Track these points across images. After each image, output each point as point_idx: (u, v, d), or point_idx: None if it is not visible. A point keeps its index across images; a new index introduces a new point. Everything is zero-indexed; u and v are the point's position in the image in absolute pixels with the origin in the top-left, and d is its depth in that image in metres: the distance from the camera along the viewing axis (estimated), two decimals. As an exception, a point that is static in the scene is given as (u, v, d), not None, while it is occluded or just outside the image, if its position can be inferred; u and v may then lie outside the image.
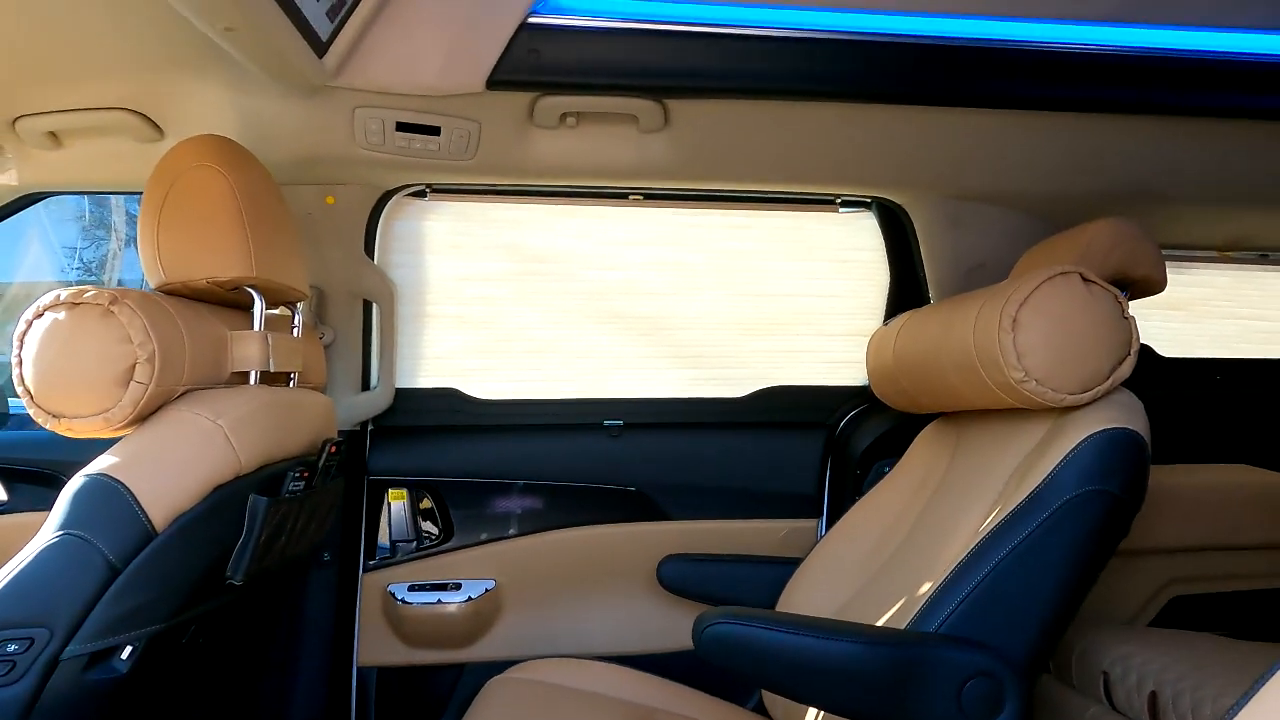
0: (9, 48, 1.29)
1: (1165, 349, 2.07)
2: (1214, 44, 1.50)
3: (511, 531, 1.85)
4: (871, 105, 1.51)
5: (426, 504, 1.86)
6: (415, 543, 1.85)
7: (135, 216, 1.30)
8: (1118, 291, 1.22)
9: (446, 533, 1.85)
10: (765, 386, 1.96)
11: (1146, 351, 2.05)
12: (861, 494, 1.79)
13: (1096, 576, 1.16)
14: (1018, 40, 1.44)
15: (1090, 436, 1.15)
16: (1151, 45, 1.48)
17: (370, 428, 1.84)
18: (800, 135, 1.59)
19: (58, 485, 1.15)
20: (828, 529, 1.76)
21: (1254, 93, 1.50)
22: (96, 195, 4.88)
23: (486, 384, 1.90)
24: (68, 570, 1.01)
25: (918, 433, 1.67)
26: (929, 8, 1.41)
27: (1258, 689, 0.50)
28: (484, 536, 1.85)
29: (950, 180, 1.72)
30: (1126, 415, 1.18)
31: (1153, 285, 1.47)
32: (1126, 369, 1.21)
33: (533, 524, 1.86)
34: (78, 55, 1.33)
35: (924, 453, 1.61)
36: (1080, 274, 1.20)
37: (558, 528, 1.86)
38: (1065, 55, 1.45)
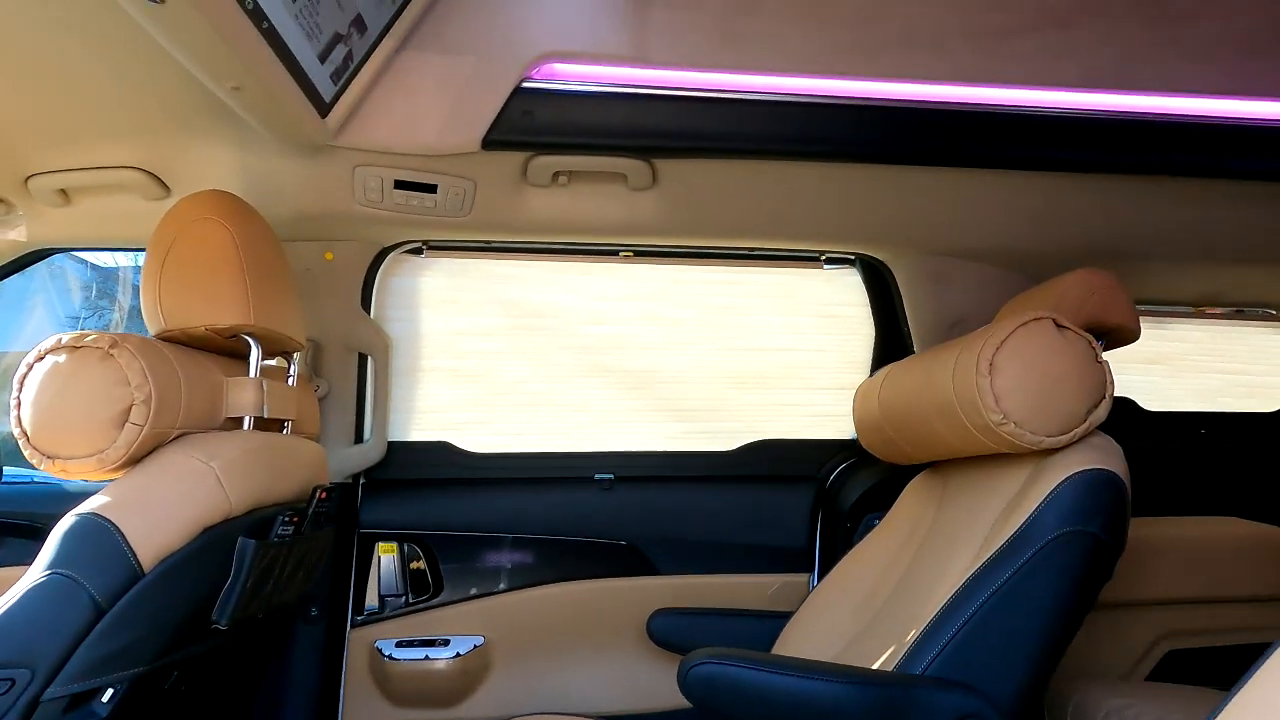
0: (24, 109, 1.36)
1: (1149, 403, 2.10)
2: (1178, 107, 1.57)
3: (501, 586, 1.84)
4: (853, 165, 1.58)
5: (418, 564, 1.85)
6: (404, 597, 1.84)
7: (139, 287, 1.34)
8: (1090, 337, 1.25)
9: (436, 587, 1.84)
10: (754, 440, 1.98)
11: (1129, 405, 2.08)
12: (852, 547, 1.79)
13: (1081, 619, 1.16)
14: (993, 103, 1.52)
15: (1069, 478, 1.17)
16: (1120, 109, 1.56)
17: (362, 481, 1.85)
18: (785, 194, 1.65)
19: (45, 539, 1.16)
20: (819, 584, 1.75)
21: (1218, 154, 1.57)
22: (101, 267, 4.97)
23: (479, 437, 1.92)
24: (53, 609, 1.01)
25: (906, 485, 1.69)
26: (908, 76, 1.49)
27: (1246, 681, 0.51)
28: (473, 591, 1.84)
29: (931, 237, 1.78)
30: (1104, 457, 1.20)
31: (1127, 334, 1.51)
32: (1102, 412, 1.24)
33: (523, 579, 1.85)
34: (90, 116, 1.40)
35: (912, 503, 1.62)
36: (1053, 319, 1.24)
37: (548, 582, 1.85)
38: (1039, 118, 1.52)
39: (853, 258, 1.95)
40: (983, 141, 1.53)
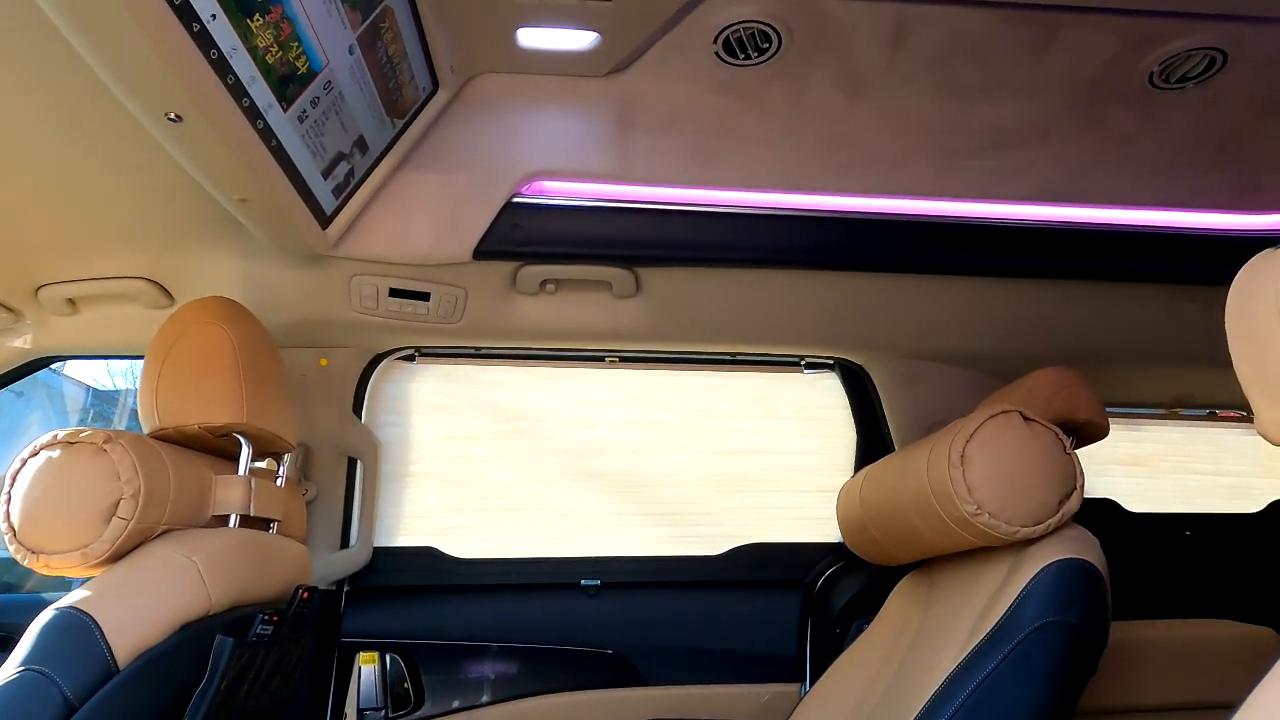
0: (41, 221, 1.44)
1: (1132, 504, 2.12)
2: (1125, 218, 1.68)
3: (485, 699, 1.79)
4: (826, 272, 1.66)
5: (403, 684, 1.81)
6: (384, 711, 1.78)
7: (135, 411, 1.40)
8: (1056, 429, 1.30)
9: (417, 700, 1.79)
10: (741, 544, 1.98)
11: (1112, 506, 2.10)
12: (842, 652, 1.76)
13: (1068, 716, 1.14)
14: (953, 215, 1.62)
15: (1045, 568, 1.18)
16: (1071, 220, 1.66)
17: (346, 588, 1.83)
18: (763, 300, 1.73)
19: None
20: (809, 693, 1.71)
21: (1167, 261, 1.67)
22: (99, 389, 5.02)
23: (465, 542, 1.92)
24: (23, 707, 1.00)
25: (893, 587, 1.68)
26: (873, 191, 1.59)
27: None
28: (456, 704, 1.79)
29: (905, 341, 1.85)
30: (1080, 547, 1.22)
31: (1096, 429, 1.55)
32: (1074, 503, 1.26)
33: (507, 690, 1.80)
34: (101, 227, 1.48)
35: (899, 606, 1.61)
36: (1019, 413, 1.29)
37: (533, 694, 1.80)
38: (996, 229, 1.62)
39: (831, 362, 2.02)
40: (946, 250, 1.62)
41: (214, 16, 0.94)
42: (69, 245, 1.52)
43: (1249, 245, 1.63)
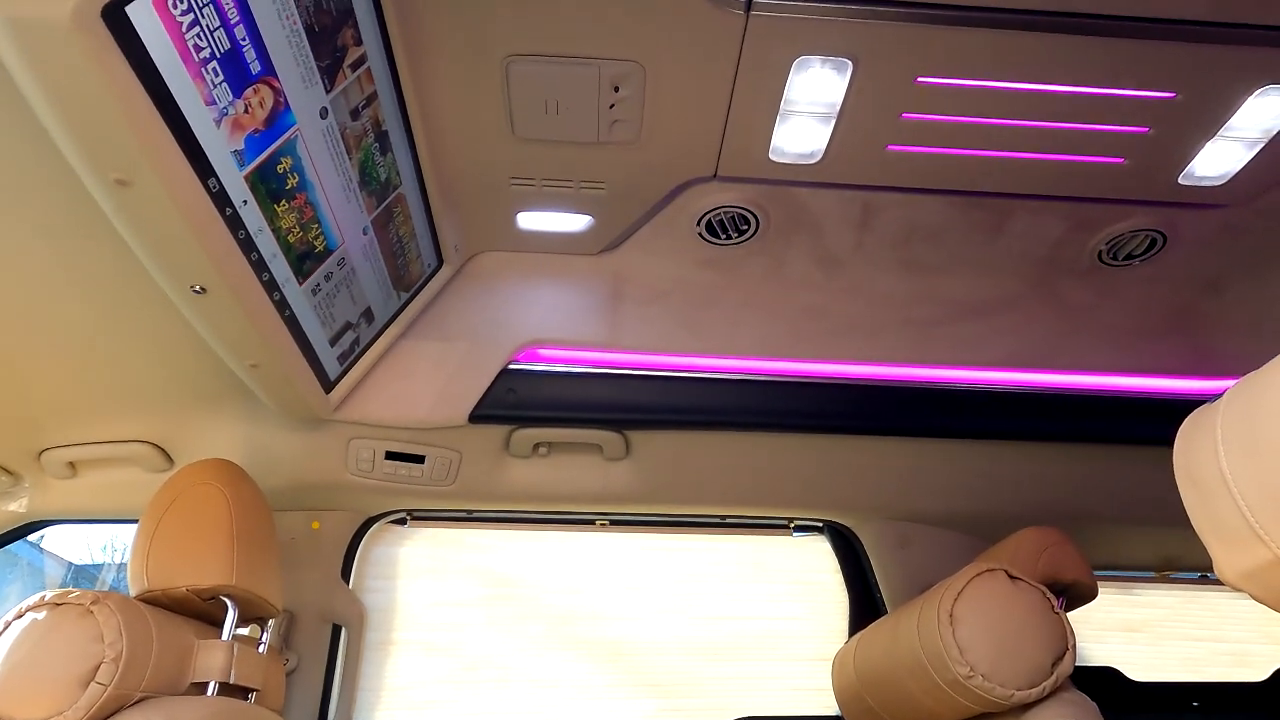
0: (50, 385, 1.49)
1: (1135, 673, 2.06)
2: (1093, 384, 1.76)
3: None
4: (813, 436, 1.72)
5: None
6: None
7: (114, 588, 1.40)
8: (1043, 589, 1.30)
9: None
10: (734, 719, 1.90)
11: (1115, 675, 2.04)
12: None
13: None
14: (929, 381, 1.70)
15: (1044, 734, 1.16)
16: (1042, 385, 1.74)
17: (319, 771, 1.74)
18: (750, 463, 1.77)
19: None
20: None
21: (1144, 424, 1.73)
22: (79, 565, 4.92)
23: (449, 718, 1.83)
24: None
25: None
26: (851, 358, 1.68)
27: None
28: None
29: (892, 503, 1.88)
30: (1079, 712, 1.20)
31: (1085, 590, 1.54)
32: (1068, 665, 1.25)
33: None
34: (110, 392, 1.53)
35: (903, 783, 1.54)
36: (1005, 570, 1.30)
37: None
38: (969, 393, 1.70)
39: (820, 524, 2.03)
40: (925, 414, 1.69)
41: (245, 202, 1.05)
42: (77, 409, 1.57)
43: (1210, 408, 1.70)
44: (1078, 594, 1.56)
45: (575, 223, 1.52)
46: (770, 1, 1.08)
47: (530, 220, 1.52)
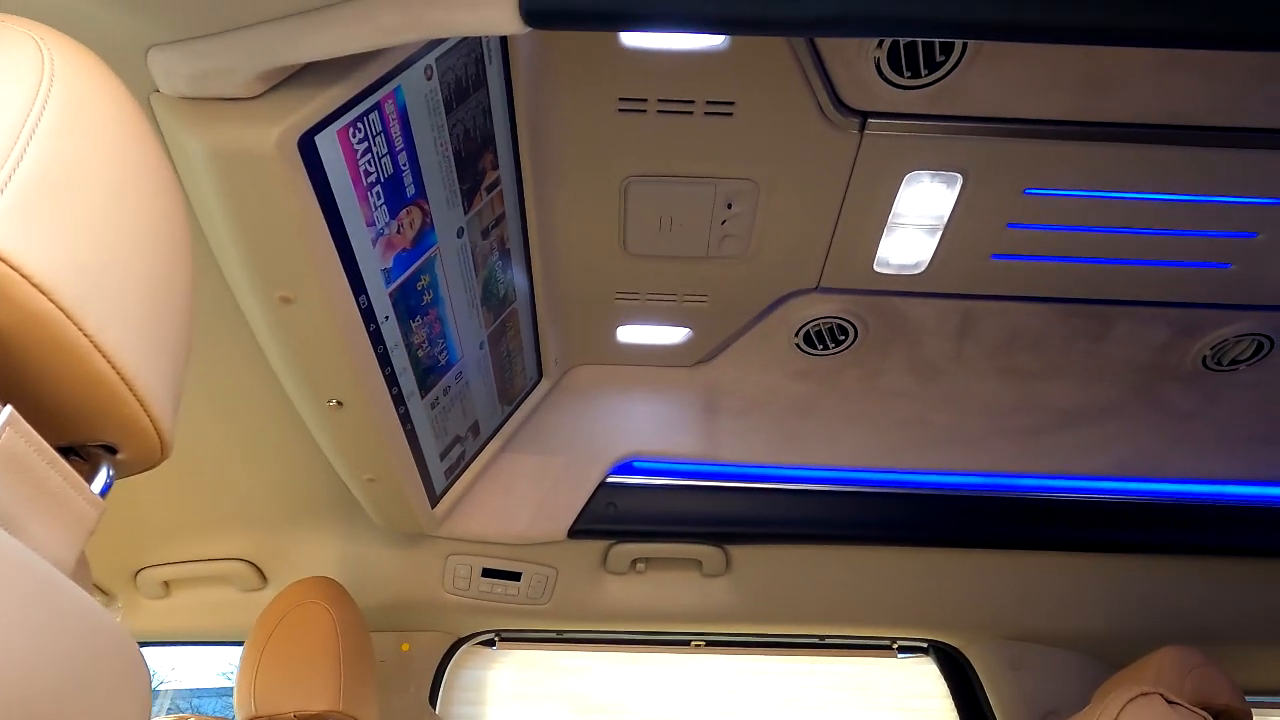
0: (153, 505, 1.51)
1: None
2: (1219, 492, 1.68)
3: None
4: (918, 549, 1.66)
5: None
6: None
7: (169, 710, 1.37)
8: (1205, 715, 1.21)
9: None
10: None
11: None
12: None
13: None
14: (1059, 489, 1.64)
15: None
16: (1157, 494, 1.67)
17: None
18: (854, 578, 1.71)
19: None
20: None
21: (1268, 535, 1.64)
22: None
23: None
24: None
25: None
26: (954, 468, 1.64)
27: None
28: None
29: (1003, 621, 1.78)
30: None
31: (1238, 716, 1.43)
32: (1241, 801, 1.14)
33: None
34: (211, 512, 1.54)
35: None
36: (1161, 695, 1.21)
37: None
38: (1079, 504, 1.64)
39: (925, 645, 1.93)
40: (1033, 525, 1.62)
41: (387, 318, 1.08)
42: (177, 529, 1.58)
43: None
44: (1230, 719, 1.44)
45: (674, 335, 1.54)
46: (885, 121, 1.12)
47: (630, 334, 1.54)
